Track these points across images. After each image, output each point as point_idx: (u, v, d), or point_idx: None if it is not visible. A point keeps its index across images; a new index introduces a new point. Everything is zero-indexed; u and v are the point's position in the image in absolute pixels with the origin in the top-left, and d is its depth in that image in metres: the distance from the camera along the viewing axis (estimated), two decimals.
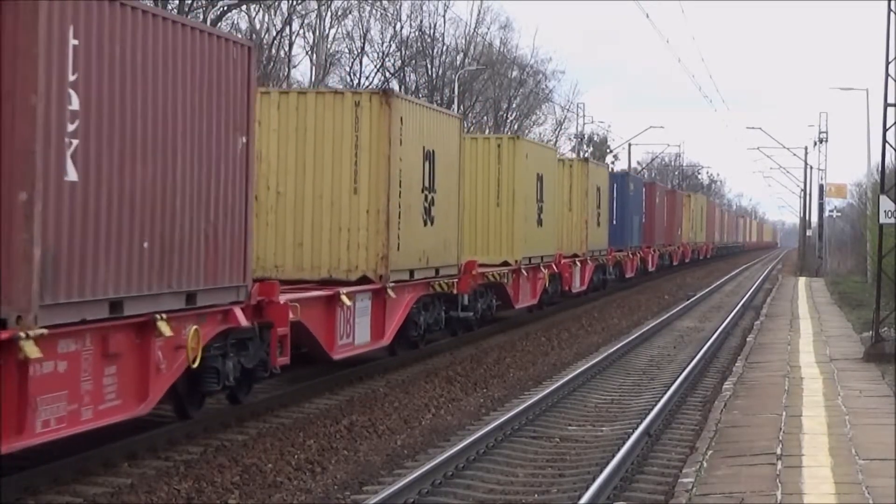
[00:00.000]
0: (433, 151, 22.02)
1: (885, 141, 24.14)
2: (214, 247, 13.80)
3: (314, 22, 51.51)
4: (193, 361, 13.26)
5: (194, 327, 13.29)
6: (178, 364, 13.10)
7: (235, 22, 49.34)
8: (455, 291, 23.54)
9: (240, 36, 36.69)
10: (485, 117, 67.93)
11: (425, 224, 21.73)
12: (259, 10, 48.83)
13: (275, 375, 16.39)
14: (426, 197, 21.84)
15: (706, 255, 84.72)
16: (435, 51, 61.37)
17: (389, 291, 19.81)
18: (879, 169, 28.45)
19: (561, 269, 33.61)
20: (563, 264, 33.97)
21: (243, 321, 14.46)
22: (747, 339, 27.42)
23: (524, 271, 29.34)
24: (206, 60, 13.48)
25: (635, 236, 49.91)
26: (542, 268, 31.31)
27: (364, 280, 19.44)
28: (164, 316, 12.52)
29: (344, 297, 18.15)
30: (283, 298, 15.70)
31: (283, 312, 15.57)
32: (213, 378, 14.30)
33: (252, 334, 15.03)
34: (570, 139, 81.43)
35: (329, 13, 53.21)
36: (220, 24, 42.54)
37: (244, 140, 14.47)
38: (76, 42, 10.91)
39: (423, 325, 22.48)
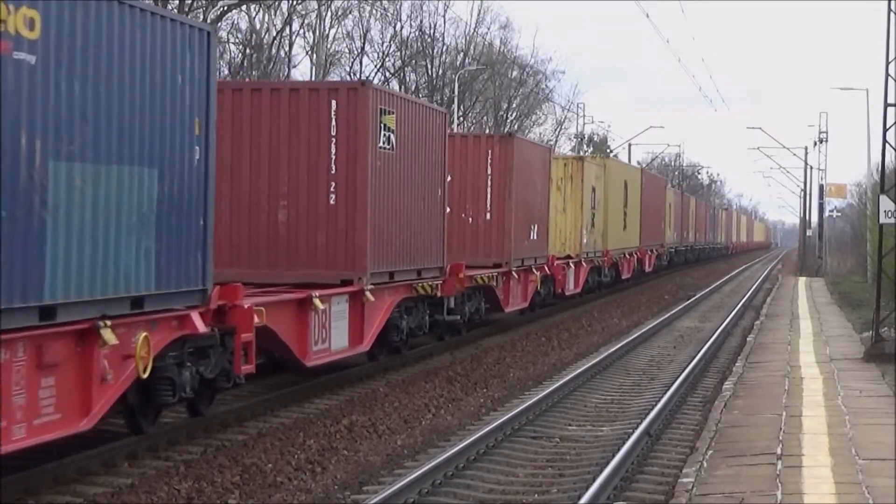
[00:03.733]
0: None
1: (885, 141, 24.14)
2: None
3: (314, 22, 51.50)
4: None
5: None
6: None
7: (235, 22, 49.35)
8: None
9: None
10: (485, 117, 67.94)
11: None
12: (259, 10, 48.80)
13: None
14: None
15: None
16: (435, 51, 61.36)
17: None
18: (879, 169, 28.46)
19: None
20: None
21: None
22: (747, 339, 27.43)
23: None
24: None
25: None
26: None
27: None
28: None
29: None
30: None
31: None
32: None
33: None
34: (570, 139, 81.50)
35: (329, 13, 53.21)
36: (219, 24, 42.54)
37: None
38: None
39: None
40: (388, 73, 58.71)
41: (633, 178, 49.71)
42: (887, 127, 23.83)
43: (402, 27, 59.53)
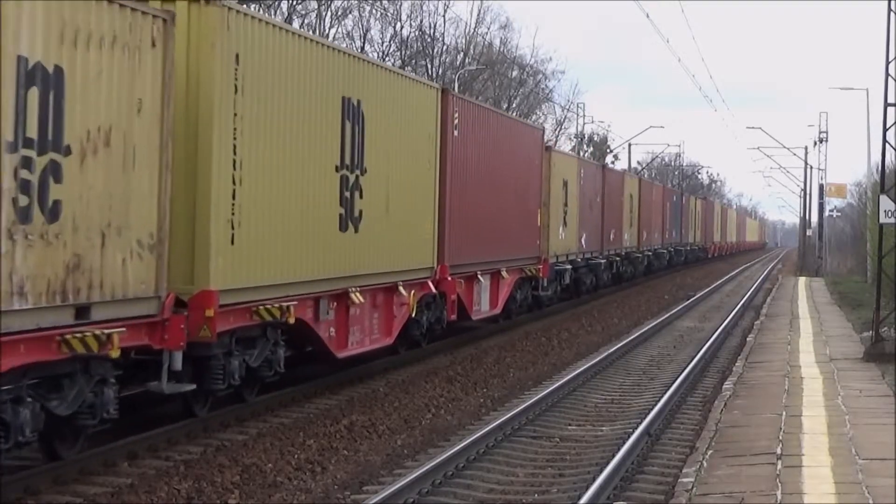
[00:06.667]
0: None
1: (885, 141, 24.15)
2: None
3: (314, 22, 51.49)
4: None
5: None
6: None
7: None
8: None
9: None
10: None
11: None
12: (259, 10, 48.82)
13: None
14: None
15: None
16: (435, 51, 61.36)
17: None
18: (879, 169, 28.47)
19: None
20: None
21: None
22: (747, 339, 27.43)
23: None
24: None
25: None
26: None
27: None
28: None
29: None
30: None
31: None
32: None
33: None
34: (570, 139, 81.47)
35: (329, 13, 53.23)
36: None
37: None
38: None
39: None
40: None
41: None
42: (887, 127, 23.84)
43: (402, 27, 59.56)
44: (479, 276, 24.94)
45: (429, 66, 60.67)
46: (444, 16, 62.59)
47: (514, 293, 28.67)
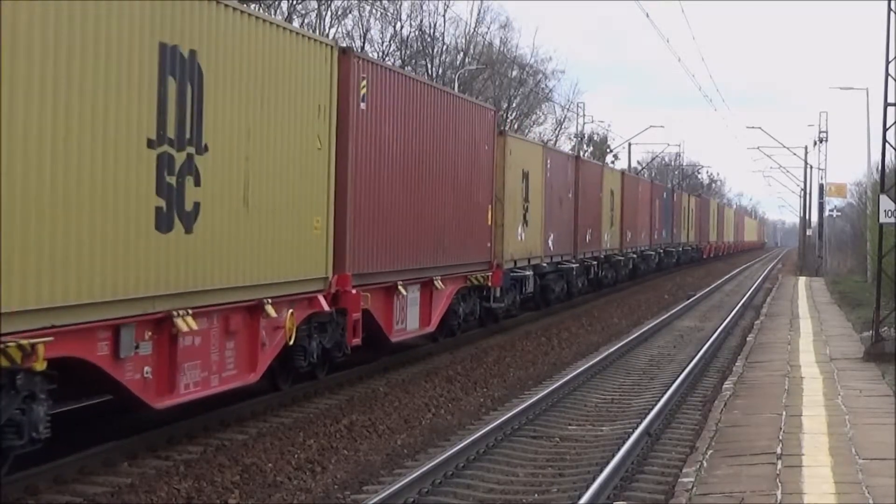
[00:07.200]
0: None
1: (885, 140, 24.16)
2: None
3: (314, 22, 51.48)
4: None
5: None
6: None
7: None
8: None
9: None
10: None
11: None
12: (259, 10, 48.81)
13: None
14: None
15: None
16: (435, 50, 61.37)
17: None
18: (879, 168, 28.47)
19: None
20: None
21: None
22: (747, 339, 27.43)
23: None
24: None
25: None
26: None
27: None
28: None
29: None
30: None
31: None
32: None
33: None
34: (570, 139, 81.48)
35: (329, 13, 53.22)
36: None
37: None
38: None
39: None
40: None
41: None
42: (887, 126, 23.84)
43: (401, 27, 59.56)
44: (400, 288, 19.94)
45: (429, 65, 60.67)
46: (444, 15, 62.66)
47: (454, 306, 23.82)
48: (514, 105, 70.33)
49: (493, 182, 26.26)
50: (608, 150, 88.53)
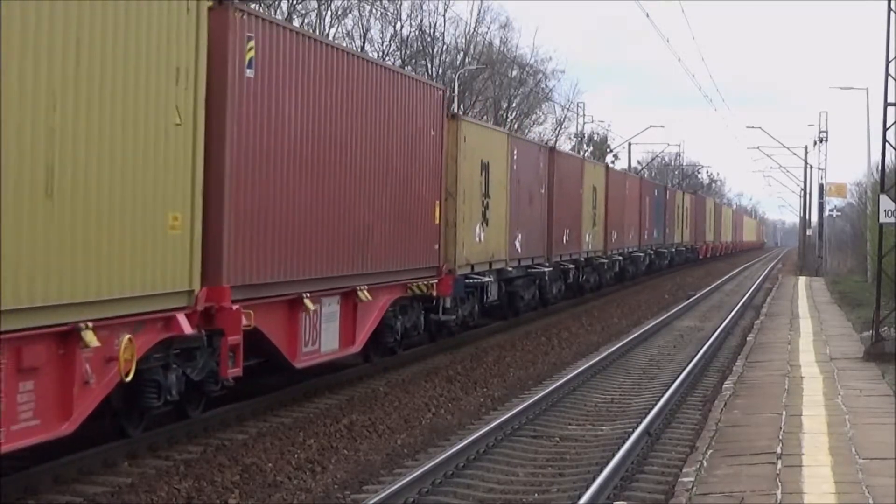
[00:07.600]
0: None
1: (885, 140, 24.16)
2: None
3: (314, 21, 51.47)
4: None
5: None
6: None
7: None
8: None
9: None
10: (485, 116, 67.98)
11: None
12: (259, 10, 48.81)
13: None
14: None
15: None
16: (435, 50, 61.36)
17: None
18: (879, 168, 28.46)
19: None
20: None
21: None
22: (747, 339, 27.43)
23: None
24: None
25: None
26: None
27: None
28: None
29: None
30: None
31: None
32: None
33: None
34: (570, 138, 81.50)
35: (329, 13, 53.21)
36: None
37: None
38: None
39: None
40: None
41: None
42: (887, 126, 23.84)
43: (402, 26, 59.54)
44: (307, 302, 15.97)
45: (429, 65, 60.68)
46: (444, 15, 62.65)
47: (389, 321, 19.99)
48: (514, 105, 70.35)
49: (443, 174, 22.45)
50: (608, 150, 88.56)
